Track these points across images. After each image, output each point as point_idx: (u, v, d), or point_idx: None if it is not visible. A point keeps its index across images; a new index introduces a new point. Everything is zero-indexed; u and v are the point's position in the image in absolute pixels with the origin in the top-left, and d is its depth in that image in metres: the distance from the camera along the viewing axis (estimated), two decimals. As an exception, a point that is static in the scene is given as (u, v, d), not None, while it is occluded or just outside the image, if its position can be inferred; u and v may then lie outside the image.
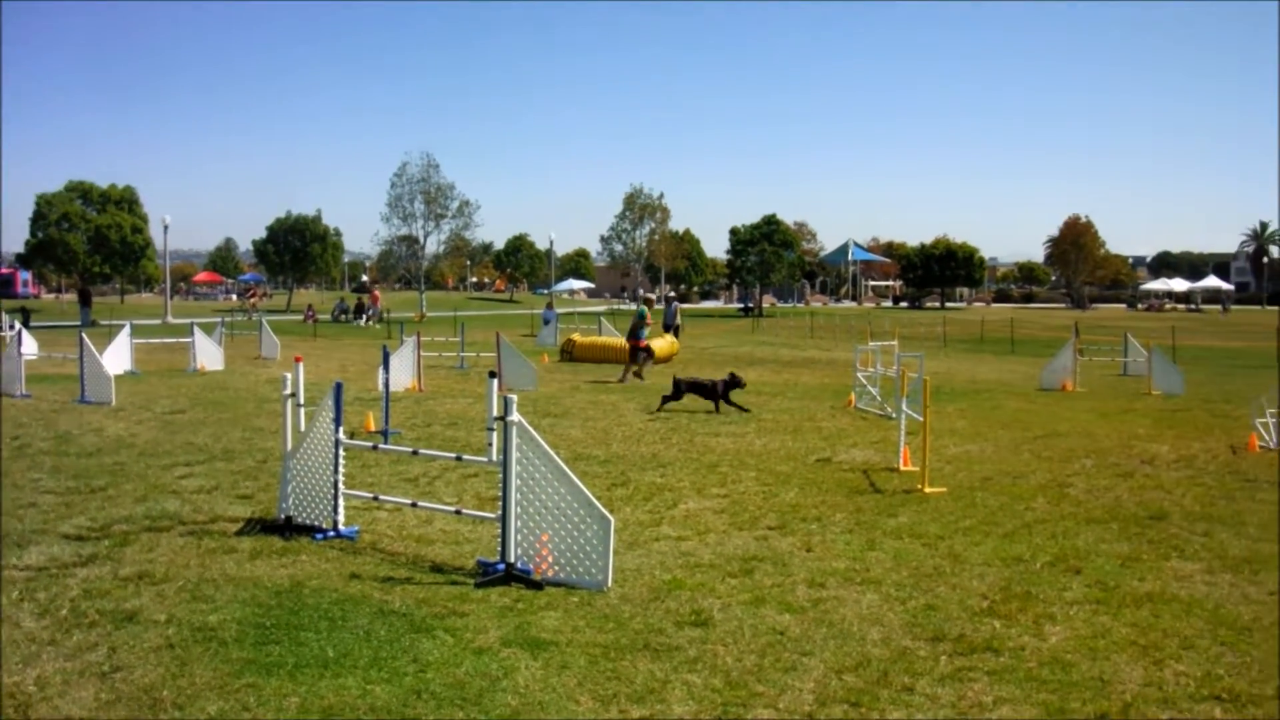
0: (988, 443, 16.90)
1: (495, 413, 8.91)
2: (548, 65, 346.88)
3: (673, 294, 49.21)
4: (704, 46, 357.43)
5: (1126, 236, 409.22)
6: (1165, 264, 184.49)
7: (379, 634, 7.28)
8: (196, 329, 30.17)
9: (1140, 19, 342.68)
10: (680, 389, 20.51)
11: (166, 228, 71.42)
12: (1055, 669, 6.85)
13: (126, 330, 28.82)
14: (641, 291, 38.23)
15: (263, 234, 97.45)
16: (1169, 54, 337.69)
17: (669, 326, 39.27)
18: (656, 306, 32.72)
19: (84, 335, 22.16)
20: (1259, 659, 7.13)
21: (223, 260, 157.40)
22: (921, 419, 13.25)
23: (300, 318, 69.04)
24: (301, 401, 10.45)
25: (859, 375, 22.75)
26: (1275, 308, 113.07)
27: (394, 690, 6.31)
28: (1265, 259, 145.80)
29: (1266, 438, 16.91)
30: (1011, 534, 10.65)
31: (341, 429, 10.05)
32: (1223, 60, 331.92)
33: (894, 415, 15.70)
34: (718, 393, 20.39)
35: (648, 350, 28.19)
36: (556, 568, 8.61)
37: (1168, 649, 7.29)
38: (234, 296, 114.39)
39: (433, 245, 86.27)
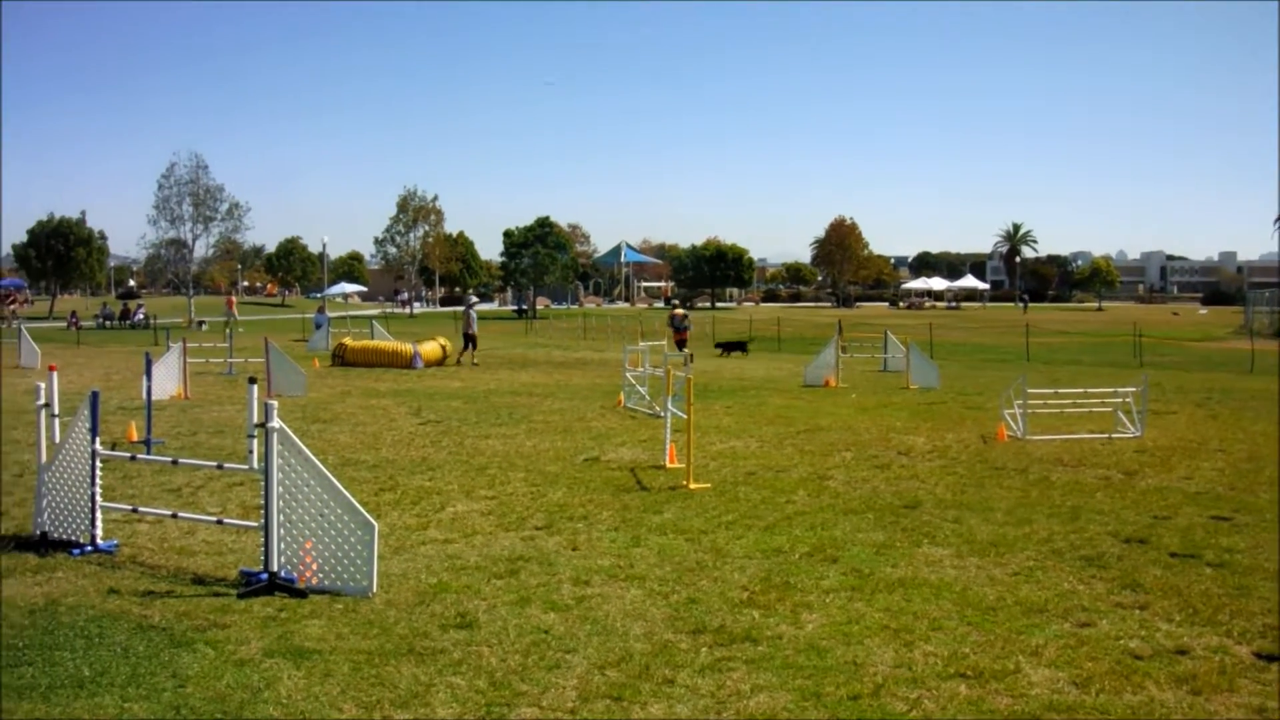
0: (752, 439, 17.30)
1: (256, 419, 8.72)
2: (317, 65, 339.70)
3: (474, 299, 49.60)
4: (475, 47, 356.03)
5: (889, 238, 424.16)
6: (925, 264, 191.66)
7: (137, 650, 7.03)
8: (-50, 338, 28.56)
9: (899, 25, 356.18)
10: None
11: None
12: (811, 655, 7.07)
13: None
14: (676, 303, 42.13)
15: (23, 237, 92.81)
16: (929, 63, 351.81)
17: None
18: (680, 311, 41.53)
19: None
20: (1002, 636, 7.50)
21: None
22: (687, 417, 13.49)
23: (64, 325, 65.95)
24: (57, 412, 10.02)
25: (628, 375, 23.00)
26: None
27: (152, 707, 6.13)
28: (1018, 259, 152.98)
29: (1014, 428, 17.78)
30: (772, 526, 10.93)
31: (99, 439, 9.68)
32: (977, 70, 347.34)
33: (661, 414, 15.91)
34: None
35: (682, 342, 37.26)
36: (321, 575, 8.48)
37: (917, 631, 7.61)
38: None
39: (202, 249, 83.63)
